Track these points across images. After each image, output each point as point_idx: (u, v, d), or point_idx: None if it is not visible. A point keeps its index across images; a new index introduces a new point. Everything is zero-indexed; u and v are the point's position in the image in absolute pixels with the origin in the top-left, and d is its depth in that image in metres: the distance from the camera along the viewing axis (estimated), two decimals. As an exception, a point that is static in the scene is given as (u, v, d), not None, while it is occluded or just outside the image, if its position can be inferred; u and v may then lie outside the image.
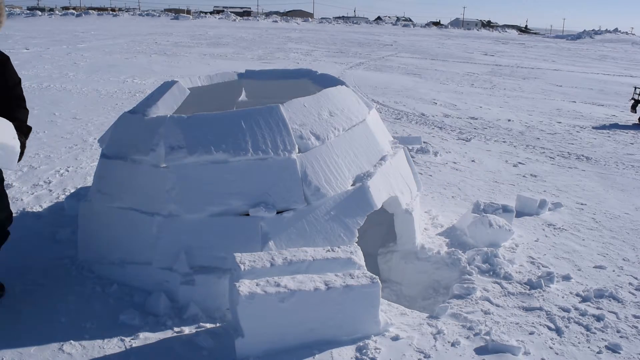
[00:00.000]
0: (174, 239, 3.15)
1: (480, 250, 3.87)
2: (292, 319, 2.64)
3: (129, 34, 29.42)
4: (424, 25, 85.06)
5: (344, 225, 3.33)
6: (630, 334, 3.04)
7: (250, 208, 3.15)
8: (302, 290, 2.62)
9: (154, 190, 3.23)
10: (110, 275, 3.31)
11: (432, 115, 10.31)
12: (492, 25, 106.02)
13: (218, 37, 31.11)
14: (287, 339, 2.66)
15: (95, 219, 3.43)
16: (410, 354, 2.70)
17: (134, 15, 57.92)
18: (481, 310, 3.20)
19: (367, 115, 4.13)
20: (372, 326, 2.82)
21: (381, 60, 21.74)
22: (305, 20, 70.12)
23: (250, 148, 3.23)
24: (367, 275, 2.79)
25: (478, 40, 45.48)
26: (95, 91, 10.98)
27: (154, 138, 3.28)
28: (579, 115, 11.24)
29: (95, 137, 6.95)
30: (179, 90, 4.02)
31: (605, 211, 5.19)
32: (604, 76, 19.80)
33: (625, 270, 3.87)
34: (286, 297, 2.59)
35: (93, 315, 2.95)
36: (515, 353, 2.76)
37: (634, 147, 8.43)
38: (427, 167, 6.49)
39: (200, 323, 2.93)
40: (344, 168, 3.52)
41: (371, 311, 2.79)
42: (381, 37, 41.27)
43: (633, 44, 48.34)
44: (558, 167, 6.91)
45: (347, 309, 2.71)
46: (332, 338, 2.72)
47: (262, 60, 19.40)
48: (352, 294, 2.69)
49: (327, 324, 2.71)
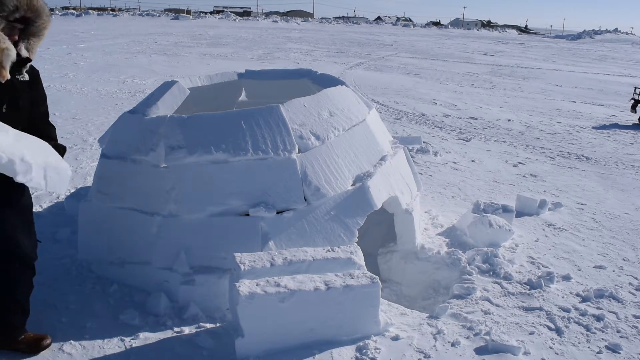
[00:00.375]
0: (174, 239, 3.15)
1: (480, 250, 3.87)
2: (292, 319, 2.64)
3: (129, 34, 29.42)
4: (424, 25, 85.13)
5: (344, 225, 3.33)
6: (630, 334, 3.04)
7: (250, 208, 3.15)
8: (302, 290, 2.62)
9: (154, 190, 3.23)
10: (110, 275, 3.31)
11: (432, 115, 10.32)
12: (492, 25, 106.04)
13: (218, 37, 31.11)
14: (287, 339, 2.66)
15: (95, 219, 3.42)
16: (410, 354, 2.70)
17: (134, 15, 57.93)
18: (481, 310, 3.20)
19: (367, 115, 4.13)
20: (372, 326, 2.82)
21: (381, 60, 21.74)
22: (305, 20, 70.13)
23: (250, 148, 3.22)
24: (367, 275, 2.79)
25: (478, 40, 45.48)
26: (95, 91, 10.98)
27: (154, 138, 3.28)
28: (579, 115, 11.24)
29: (95, 137, 6.95)
30: (179, 90, 4.02)
31: (605, 211, 5.19)
32: (604, 76, 19.80)
33: (625, 270, 3.87)
34: (286, 297, 2.59)
35: (93, 315, 2.95)
36: (515, 353, 2.76)
37: (634, 147, 8.43)
38: (427, 167, 6.49)
39: (200, 323, 2.93)
40: (344, 168, 3.52)
41: (371, 311, 2.79)
42: (381, 37, 41.27)
43: (633, 44, 48.36)
44: (558, 167, 6.91)
45: (347, 309, 2.71)
46: (332, 338, 2.72)
47: (262, 60, 19.40)
48: (352, 294, 2.69)
49: (327, 324, 2.71)
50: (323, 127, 3.57)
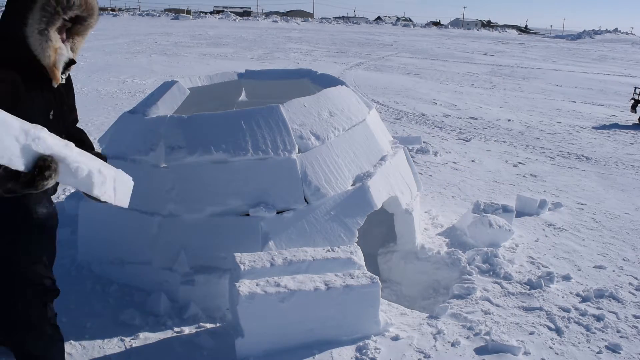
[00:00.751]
0: (174, 239, 3.15)
1: (480, 250, 3.87)
2: (292, 319, 2.64)
3: (129, 34, 29.42)
4: (424, 25, 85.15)
5: (344, 225, 3.33)
6: (630, 334, 3.04)
7: (250, 208, 3.15)
8: (302, 290, 2.62)
9: (154, 190, 3.23)
10: (110, 275, 3.31)
11: (432, 115, 10.31)
12: (492, 25, 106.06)
13: (218, 37, 31.11)
14: (287, 339, 2.66)
15: (95, 219, 3.42)
16: (410, 354, 2.70)
17: (134, 15, 57.95)
18: (481, 310, 3.20)
19: (367, 115, 4.13)
20: (373, 326, 2.82)
21: (381, 60, 21.74)
22: (305, 20, 70.13)
23: (250, 148, 3.22)
24: (367, 275, 2.79)
25: (478, 40, 45.48)
26: (95, 91, 10.99)
27: (154, 138, 3.28)
28: (579, 115, 11.24)
29: (95, 137, 6.94)
30: (179, 90, 4.02)
31: (605, 211, 5.19)
32: (604, 76, 19.80)
33: (625, 270, 3.87)
34: (286, 297, 2.59)
35: (93, 315, 2.95)
36: (515, 353, 2.76)
37: (634, 147, 8.42)
38: (427, 167, 6.49)
39: (200, 323, 2.93)
40: (344, 168, 3.52)
41: (371, 311, 2.79)
42: (381, 37, 41.27)
43: (633, 44, 48.35)
44: (558, 167, 6.91)
45: (347, 309, 2.71)
46: (332, 338, 2.72)
47: (262, 60, 19.40)
48: (352, 294, 2.69)
49: (327, 324, 2.71)
50: (323, 127, 3.57)
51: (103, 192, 1.78)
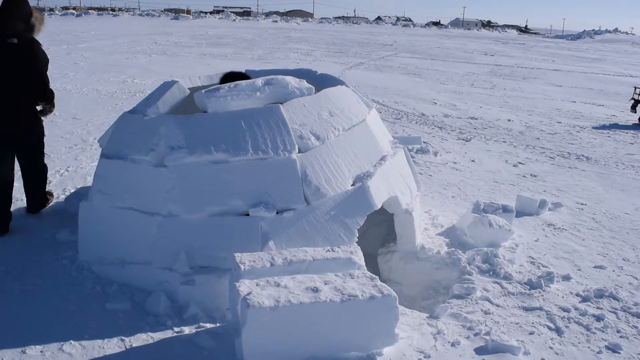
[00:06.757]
0: (174, 239, 3.15)
1: (480, 250, 3.87)
2: (301, 333, 2.51)
3: (129, 34, 29.41)
4: (424, 25, 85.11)
5: (344, 225, 3.33)
6: (630, 334, 3.04)
7: (250, 208, 3.15)
8: (318, 302, 2.47)
9: (154, 190, 3.23)
10: (110, 275, 3.31)
11: (432, 115, 10.32)
12: (492, 25, 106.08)
13: (218, 37, 31.10)
14: (294, 352, 2.52)
15: (95, 219, 3.42)
16: (410, 354, 2.70)
17: (134, 15, 57.91)
18: (481, 310, 3.20)
19: (367, 115, 4.13)
20: (387, 340, 2.68)
21: (381, 60, 21.74)
22: (305, 20, 70.11)
23: (250, 148, 3.23)
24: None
25: (478, 40, 45.47)
26: (95, 91, 10.98)
27: (154, 138, 3.28)
28: (579, 115, 11.24)
29: (95, 137, 6.95)
30: (179, 90, 4.02)
31: (605, 211, 5.19)
32: (604, 76, 19.79)
33: (625, 270, 3.87)
34: (297, 310, 2.46)
35: (93, 315, 2.95)
36: (515, 353, 2.76)
37: (634, 147, 8.43)
38: (427, 167, 6.49)
39: (200, 323, 2.93)
40: (344, 168, 3.52)
41: (387, 326, 2.64)
42: (381, 37, 41.26)
43: (633, 44, 48.33)
44: (558, 167, 6.91)
45: (361, 323, 2.57)
46: (342, 354, 2.57)
47: (262, 60, 19.39)
48: (366, 308, 2.54)
49: (339, 338, 2.57)
50: (323, 127, 3.57)
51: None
